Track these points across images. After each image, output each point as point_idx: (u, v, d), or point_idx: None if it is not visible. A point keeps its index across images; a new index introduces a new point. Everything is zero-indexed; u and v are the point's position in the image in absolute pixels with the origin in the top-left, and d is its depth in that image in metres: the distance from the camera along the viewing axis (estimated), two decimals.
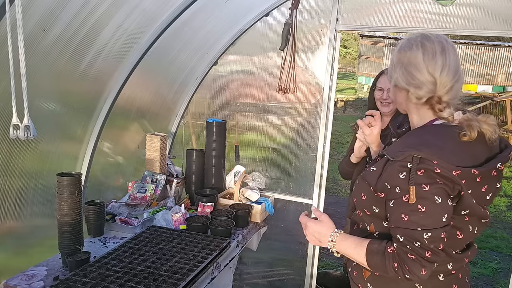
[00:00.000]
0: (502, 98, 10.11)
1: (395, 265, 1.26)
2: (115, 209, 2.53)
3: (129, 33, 2.37)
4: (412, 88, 1.31)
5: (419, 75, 1.29)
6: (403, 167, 1.25)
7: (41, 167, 2.23)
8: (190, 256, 1.99)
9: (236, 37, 3.15)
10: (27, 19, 1.73)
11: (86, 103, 2.45)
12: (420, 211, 1.22)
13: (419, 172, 1.22)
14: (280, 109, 3.17)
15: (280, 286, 3.36)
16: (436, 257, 1.23)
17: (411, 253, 1.23)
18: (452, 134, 1.28)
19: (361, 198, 1.42)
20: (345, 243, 1.42)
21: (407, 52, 1.32)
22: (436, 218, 1.22)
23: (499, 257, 4.82)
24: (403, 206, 1.25)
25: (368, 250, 1.34)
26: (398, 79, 1.35)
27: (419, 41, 1.31)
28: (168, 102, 3.27)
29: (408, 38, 1.36)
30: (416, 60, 1.30)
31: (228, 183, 3.02)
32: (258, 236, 2.87)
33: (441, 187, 1.21)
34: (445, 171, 1.21)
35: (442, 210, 1.22)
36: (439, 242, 1.23)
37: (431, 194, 1.21)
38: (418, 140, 1.30)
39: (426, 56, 1.29)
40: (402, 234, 1.25)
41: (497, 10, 2.50)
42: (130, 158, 3.03)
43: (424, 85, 1.29)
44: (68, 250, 1.92)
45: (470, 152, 1.27)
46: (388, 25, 2.75)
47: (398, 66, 1.35)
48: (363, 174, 1.42)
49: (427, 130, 1.34)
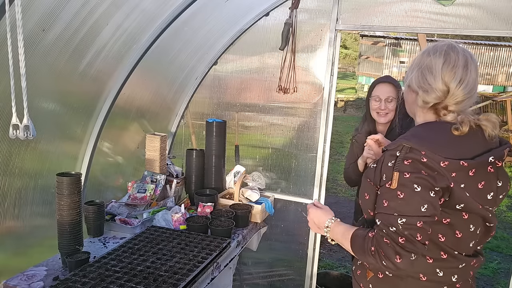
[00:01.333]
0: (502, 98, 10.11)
1: (372, 249, 1.28)
2: (114, 209, 2.53)
3: (128, 33, 2.36)
4: (421, 91, 1.34)
5: (433, 81, 1.32)
6: (392, 155, 1.30)
7: (40, 167, 2.23)
8: (190, 256, 1.99)
9: (236, 37, 3.15)
10: (27, 19, 1.73)
11: (85, 103, 2.45)
12: (398, 197, 1.25)
13: (405, 162, 1.26)
14: (280, 109, 3.17)
15: (280, 286, 3.36)
16: (411, 245, 1.22)
17: (386, 237, 1.25)
18: (444, 128, 1.31)
19: (364, 198, 1.44)
20: (337, 229, 1.48)
21: (430, 57, 1.34)
22: (413, 206, 1.23)
23: (499, 257, 4.82)
24: (386, 192, 1.29)
25: (353, 236, 1.39)
26: (412, 80, 1.38)
27: (445, 50, 1.33)
28: (168, 102, 3.26)
29: (435, 44, 1.38)
30: (434, 66, 1.32)
31: (228, 183, 3.01)
32: (258, 236, 2.87)
33: (423, 177, 1.23)
34: (431, 161, 1.23)
35: (421, 199, 1.23)
36: (415, 231, 1.23)
37: (410, 182, 1.24)
38: (411, 133, 1.35)
39: (446, 66, 1.31)
40: (380, 219, 1.29)
41: (497, 9, 2.50)
42: (130, 158, 3.03)
43: (433, 92, 1.32)
44: (68, 250, 1.92)
45: (463, 146, 1.28)
46: (388, 25, 2.75)
47: (416, 68, 1.38)
48: (365, 173, 1.45)
49: (423, 125, 1.38)
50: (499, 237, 5.40)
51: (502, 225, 5.87)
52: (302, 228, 3.12)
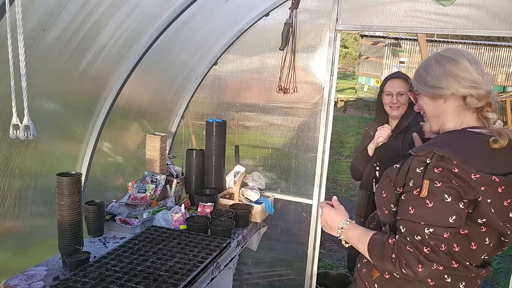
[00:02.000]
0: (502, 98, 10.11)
1: (393, 256, 1.27)
2: (115, 209, 2.53)
3: (129, 33, 2.36)
4: (472, 90, 1.33)
5: (472, 77, 1.33)
6: (422, 162, 1.27)
7: (41, 167, 2.23)
8: (190, 256, 1.99)
9: (236, 37, 3.15)
10: (27, 19, 1.73)
11: (85, 103, 2.45)
12: (427, 206, 1.23)
13: (436, 170, 1.23)
14: (280, 109, 3.17)
15: (280, 286, 3.36)
16: (435, 255, 1.22)
17: (409, 246, 1.24)
18: (479, 140, 1.30)
19: (381, 196, 1.43)
20: (352, 232, 1.46)
21: (452, 63, 1.36)
22: (442, 216, 1.22)
23: (499, 257, 4.82)
24: (412, 199, 1.27)
25: (371, 239, 1.37)
26: (455, 88, 1.35)
27: (456, 54, 1.37)
28: (168, 102, 3.26)
29: (438, 54, 1.41)
30: (466, 68, 1.34)
31: (228, 183, 3.01)
32: (258, 236, 2.87)
33: (454, 187, 1.21)
34: (463, 172, 1.21)
35: (450, 209, 1.21)
36: (441, 242, 1.22)
37: (441, 192, 1.21)
38: (442, 140, 1.33)
39: (469, 63, 1.35)
40: (405, 226, 1.27)
41: (497, 10, 2.50)
42: (130, 158, 3.03)
43: (482, 85, 1.33)
44: (68, 250, 1.92)
45: (495, 160, 1.27)
46: (388, 25, 2.75)
47: (447, 77, 1.36)
48: (387, 171, 1.43)
49: (455, 133, 1.36)
50: None
51: None
52: (302, 228, 3.12)
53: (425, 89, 1.42)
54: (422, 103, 1.47)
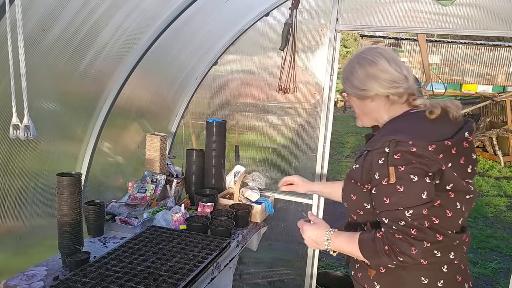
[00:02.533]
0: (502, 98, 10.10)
1: (385, 248, 1.30)
2: (115, 209, 2.53)
3: (129, 33, 2.36)
4: (392, 89, 1.44)
5: (391, 76, 1.44)
6: (382, 153, 1.35)
7: (41, 167, 2.23)
8: (190, 256, 1.99)
9: (236, 37, 3.15)
10: (27, 19, 1.73)
11: (86, 103, 2.45)
12: (399, 191, 1.29)
13: (395, 156, 1.31)
14: (280, 109, 3.17)
15: (280, 286, 3.36)
16: (422, 234, 1.27)
17: (397, 233, 1.28)
18: (419, 117, 1.43)
19: (351, 199, 1.47)
20: (339, 240, 1.47)
21: (372, 65, 1.46)
22: (415, 196, 1.29)
23: (499, 257, 4.82)
24: (384, 189, 1.33)
25: (360, 241, 1.39)
26: (377, 89, 1.46)
27: (375, 55, 1.47)
28: (168, 102, 3.26)
29: (360, 56, 1.50)
30: (385, 69, 1.44)
31: (228, 183, 3.01)
32: (258, 236, 2.87)
33: (416, 166, 1.29)
34: (420, 149, 1.30)
35: (420, 188, 1.29)
36: (422, 219, 1.28)
37: (406, 174, 1.29)
38: (390, 128, 1.43)
39: (388, 62, 1.45)
40: (387, 216, 1.32)
41: (497, 10, 2.50)
42: (130, 158, 3.03)
43: (402, 82, 1.44)
44: (68, 250, 1.92)
45: (438, 130, 1.38)
46: (388, 25, 2.75)
47: (370, 80, 1.46)
48: (348, 175, 1.49)
49: (396, 119, 1.47)
50: (499, 237, 5.40)
51: (502, 225, 5.87)
52: None
53: (352, 90, 1.52)
54: (351, 102, 1.57)
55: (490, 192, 7.30)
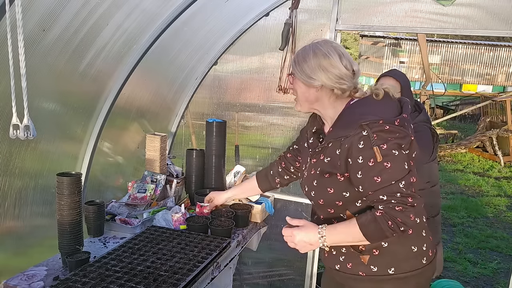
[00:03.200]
0: (502, 98, 10.10)
1: (389, 223, 1.36)
2: (115, 209, 2.53)
3: (129, 33, 2.36)
4: (338, 84, 1.51)
5: (343, 73, 1.50)
6: (360, 137, 1.41)
7: (41, 167, 2.23)
8: (190, 256, 1.99)
9: (236, 37, 3.15)
10: (27, 19, 1.73)
11: (86, 103, 2.45)
12: (387, 167, 1.38)
13: (374, 136, 1.39)
14: (280, 109, 3.17)
15: (280, 286, 3.36)
16: (415, 199, 1.37)
17: (397, 206, 1.36)
18: (368, 101, 1.52)
19: (328, 193, 1.51)
20: (335, 231, 1.49)
21: (325, 58, 1.50)
22: (400, 168, 1.39)
23: (499, 257, 4.82)
24: (372, 169, 1.40)
25: (360, 225, 1.42)
26: (324, 81, 1.51)
27: (330, 49, 1.52)
28: (168, 102, 3.27)
29: (316, 46, 1.54)
30: (336, 64, 1.50)
31: (228, 183, 3.01)
32: (258, 236, 2.87)
33: (394, 142, 1.39)
34: (391, 125, 1.40)
35: (401, 159, 1.39)
36: (412, 186, 1.39)
37: (389, 150, 1.39)
38: (356, 114, 1.49)
39: (340, 59, 1.51)
40: (383, 193, 1.38)
41: (497, 10, 2.50)
42: (130, 158, 3.03)
43: (346, 81, 1.51)
44: (68, 250, 1.92)
45: (389, 107, 1.49)
46: (388, 25, 2.75)
47: (320, 71, 1.51)
48: (319, 171, 1.54)
49: (352, 107, 1.53)
50: (499, 237, 5.40)
51: (502, 225, 5.87)
52: None
53: (302, 76, 1.55)
54: (296, 87, 1.60)
55: (490, 192, 7.30)
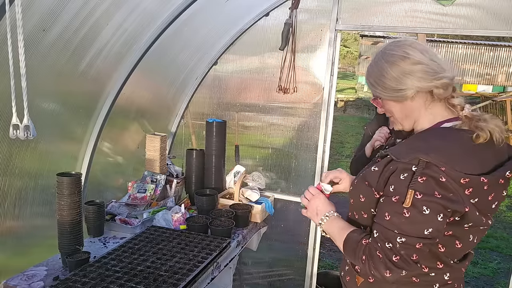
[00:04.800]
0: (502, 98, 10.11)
1: (363, 257, 1.27)
2: (115, 209, 2.53)
3: (129, 33, 2.36)
4: (436, 81, 1.27)
5: (434, 67, 1.28)
6: (407, 169, 1.21)
7: (41, 167, 2.23)
8: (190, 256, 1.99)
9: (236, 37, 3.15)
10: (27, 19, 1.73)
11: (86, 103, 2.45)
12: (404, 215, 1.19)
13: (420, 179, 1.18)
14: (280, 109, 3.17)
15: (280, 286, 3.36)
16: (404, 264, 1.20)
17: (379, 251, 1.22)
18: (461, 138, 1.24)
19: (359, 200, 1.39)
20: (334, 224, 1.46)
21: (404, 60, 1.30)
22: (417, 228, 1.18)
23: (499, 257, 4.82)
24: (390, 205, 1.23)
25: (347, 238, 1.36)
26: (418, 86, 1.29)
27: (406, 48, 1.30)
28: (168, 102, 3.27)
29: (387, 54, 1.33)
30: (420, 61, 1.29)
31: (228, 183, 3.01)
32: (258, 236, 2.87)
33: (435, 201, 1.16)
34: (450, 180, 1.16)
35: (426, 222, 1.17)
36: (412, 252, 1.20)
37: (420, 204, 1.17)
38: (426, 144, 1.25)
39: (423, 54, 1.30)
40: (378, 231, 1.25)
41: (497, 10, 2.50)
42: (130, 158, 3.03)
43: (442, 74, 1.27)
44: (68, 250, 1.92)
45: (479, 158, 1.22)
46: (388, 25, 2.75)
47: (407, 76, 1.29)
48: (363, 175, 1.39)
49: (435, 133, 1.30)
50: (499, 237, 5.40)
51: (502, 225, 5.88)
52: (302, 228, 3.12)
53: (388, 94, 1.34)
54: (388, 108, 1.39)
55: None
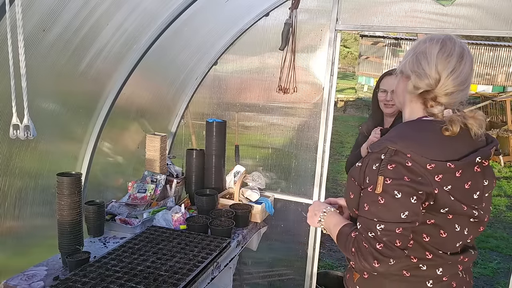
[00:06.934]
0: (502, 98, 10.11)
1: (352, 250, 1.29)
2: (115, 209, 2.53)
3: (129, 33, 2.36)
4: (414, 75, 1.31)
5: (427, 67, 1.29)
6: (377, 158, 1.27)
7: (41, 167, 2.23)
8: (190, 256, 1.99)
9: (236, 37, 3.15)
10: (27, 19, 1.73)
11: (86, 103, 2.45)
12: (379, 202, 1.24)
13: (389, 166, 1.23)
14: (280, 109, 3.17)
15: (280, 286, 3.36)
16: (389, 251, 1.22)
17: (365, 241, 1.25)
18: (433, 128, 1.28)
19: (349, 197, 1.43)
20: (331, 219, 1.49)
21: (426, 43, 1.32)
22: (393, 213, 1.22)
23: (499, 257, 4.82)
24: (367, 195, 1.28)
25: (339, 231, 1.40)
26: (405, 65, 1.35)
27: (442, 39, 1.32)
28: (168, 102, 3.27)
29: (433, 34, 1.37)
30: (430, 52, 1.30)
31: (228, 183, 3.01)
32: (258, 236, 2.87)
33: (404, 184, 1.21)
34: (416, 165, 1.21)
35: (400, 206, 1.21)
36: (394, 238, 1.22)
37: (391, 189, 1.22)
38: (396, 133, 1.31)
39: (441, 54, 1.29)
40: (361, 222, 1.29)
41: (497, 10, 2.50)
42: (130, 158, 3.03)
43: (426, 78, 1.28)
44: (68, 250, 1.92)
45: (450, 146, 1.26)
46: (388, 25, 2.75)
47: (410, 53, 1.35)
48: (350, 172, 1.43)
49: (409, 124, 1.35)
50: (499, 237, 5.40)
51: (502, 225, 5.87)
52: (302, 228, 3.12)
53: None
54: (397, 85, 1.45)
55: None
